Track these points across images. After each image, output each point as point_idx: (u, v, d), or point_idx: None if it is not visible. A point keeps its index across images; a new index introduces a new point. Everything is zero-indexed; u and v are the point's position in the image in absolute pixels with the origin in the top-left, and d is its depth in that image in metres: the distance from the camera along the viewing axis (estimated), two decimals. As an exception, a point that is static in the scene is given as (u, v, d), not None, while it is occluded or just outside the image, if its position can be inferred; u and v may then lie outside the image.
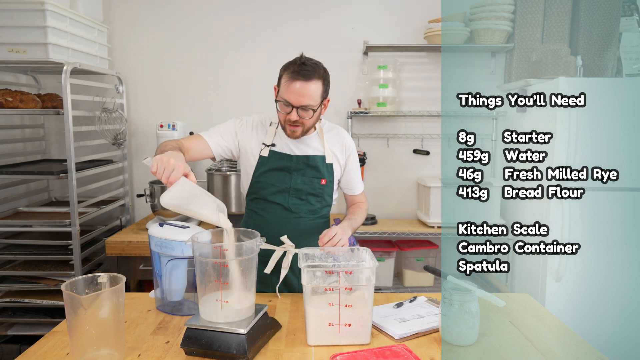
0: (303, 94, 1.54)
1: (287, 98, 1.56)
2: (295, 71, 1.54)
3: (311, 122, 1.62)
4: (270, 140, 1.69)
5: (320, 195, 1.71)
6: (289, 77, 1.55)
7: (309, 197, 1.70)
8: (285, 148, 1.69)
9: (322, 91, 1.58)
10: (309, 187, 1.69)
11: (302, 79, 1.53)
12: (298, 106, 1.56)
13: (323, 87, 1.58)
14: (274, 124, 1.71)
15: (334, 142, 1.73)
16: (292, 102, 1.56)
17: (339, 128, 1.79)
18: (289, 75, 1.55)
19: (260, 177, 1.70)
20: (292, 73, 1.54)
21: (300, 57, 1.58)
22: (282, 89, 1.58)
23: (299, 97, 1.55)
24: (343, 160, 1.75)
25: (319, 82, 1.56)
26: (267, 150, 1.69)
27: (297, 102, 1.55)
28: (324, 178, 1.70)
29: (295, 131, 1.62)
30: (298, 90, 1.54)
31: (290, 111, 1.57)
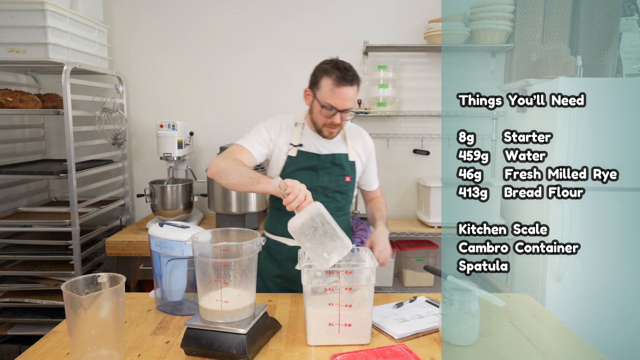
0: (349, 98, 1.59)
1: (333, 103, 1.59)
2: (341, 77, 1.57)
3: (346, 123, 1.69)
4: (297, 141, 1.72)
5: (345, 192, 1.76)
6: (335, 83, 1.57)
7: (335, 194, 1.74)
8: (312, 147, 1.72)
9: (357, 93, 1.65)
10: (335, 184, 1.73)
11: (349, 84, 1.57)
12: (342, 110, 1.60)
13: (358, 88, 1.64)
14: (299, 124, 1.75)
15: (356, 141, 1.79)
16: (338, 106, 1.59)
17: (359, 127, 1.85)
18: (335, 80, 1.57)
19: (288, 176, 1.69)
20: (338, 79, 1.57)
21: (339, 61, 1.61)
22: (326, 93, 1.59)
23: (345, 102, 1.59)
24: (365, 158, 1.81)
25: (358, 85, 1.62)
26: (295, 150, 1.71)
27: (343, 106, 1.59)
28: (349, 175, 1.75)
29: (333, 132, 1.68)
30: (345, 95, 1.58)
31: (334, 114, 1.61)
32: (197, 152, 3.08)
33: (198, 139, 3.05)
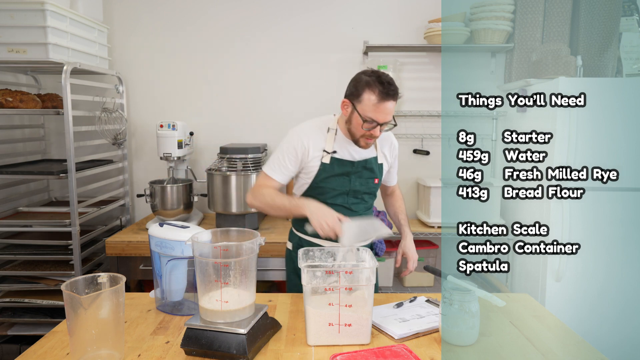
0: (391, 112, 1.60)
1: (375, 117, 1.59)
2: (384, 92, 1.57)
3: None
4: (331, 148, 1.71)
5: (372, 193, 1.82)
6: (380, 97, 1.57)
7: (364, 195, 1.79)
8: (345, 154, 1.72)
9: None
10: (365, 187, 1.77)
11: (392, 98, 1.58)
12: (383, 123, 1.61)
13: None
14: (332, 130, 1.73)
15: (384, 144, 1.82)
16: (380, 120, 1.60)
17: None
18: (379, 95, 1.57)
19: (321, 182, 1.73)
20: (382, 94, 1.57)
21: (381, 74, 1.60)
22: (368, 107, 1.59)
23: (386, 116, 1.60)
24: (391, 159, 1.86)
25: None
26: (329, 157, 1.71)
27: (384, 119, 1.60)
28: (377, 177, 1.79)
29: (370, 143, 1.68)
30: (388, 109, 1.59)
31: (375, 127, 1.61)
32: (197, 152, 3.08)
33: (198, 139, 3.05)
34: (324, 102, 3.03)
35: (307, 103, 3.04)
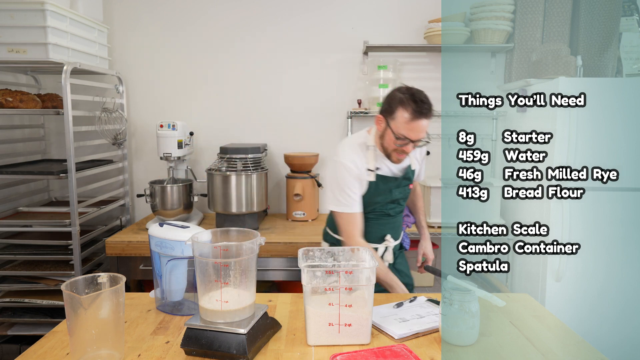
0: (424, 130, 1.63)
1: (408, 135, 1.62)
2: (417, 110, 1.58)
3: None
4: (373, 165, 1.75)
5: (407, 197, 1.90)
6: (412, 116, 1.59)
7: (401, 200, 1.88)
8: (387, 170, 1.79)
9: None
10: (403, 194, 1.86)
11: (425, 117, 1.60)
12: (416, 140, 1.63)
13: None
14: (371, 147, 1.76)
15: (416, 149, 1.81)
16: (414, 138, 1.62)
17: None
18: (412, 113, 1.59)
19: (370, 199, 1.79)
20: (415, 112, 1.58)
21: (415, 92, 1.62)
22: (401, 125, 1.61)
23: (419, 134, 1.62)
24: (421, 160, 1.93)
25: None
26: (373, 175, 1.76)
27: (417, 137, 1.63)
28: (411, 183, 1.88)
29: (401, 159, 1.72)
30: (421, 127, 1.61)
31: (407, 144, 1.64)
32: (197, 152, 3.08)
33: (198, 139, 3.05)
34: (324, 102, 3.03)
35: (307, 103, 3.05)
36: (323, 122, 3.04)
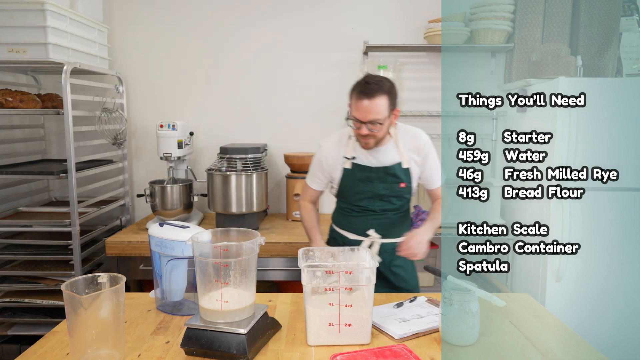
0: (369, 110, 1.69)
1: (357, 116, 1.73)
2: (361, 91, 1.70)
3: (382, 134, 1.76)
4: (350, 154, 1.86)
5: (400, 196, 1.87)
6: (356, 97, 1.72)
7: (391, 198, 1.87)
8: (365, 160, 1.85)
9: (387, 104, 1.71)
10: (390, 191, 1.85)
11: (367, 97, 1.68)
12: (367, 121, 1.70)
13: (388, 100, 1.72)
14: (352, 137, 1.86)
15: (410, 147, 1.85)
16: (361, 118, 1.71)
17: (415, 130, 1.91)
18: (356, 95, 1.72)
19: (346, 187, 1.89)
20: (358, 93, 1.71)
21: (365, 77, 1.75)
22: (352, 108, 1.75)
23: (366, 114, 1.70)
24: (420, 161, 1.87)
25: (384, 97, 1.70)
26: (350, 163, 1.86)
27: (365, 118, 1.70)
28: (403, 182, 1.85)
29: (368, 143, 1.78)
30: (364, 107, 1.69)
31: (361, 127, 1.72)
32: (197, 152, 3.08)
33: (198, 139, 3.05)
34: (324, 102, 3.03)
35: (307, 103, 3.05)
36: (323, 122, 3.04)
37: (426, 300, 1.61)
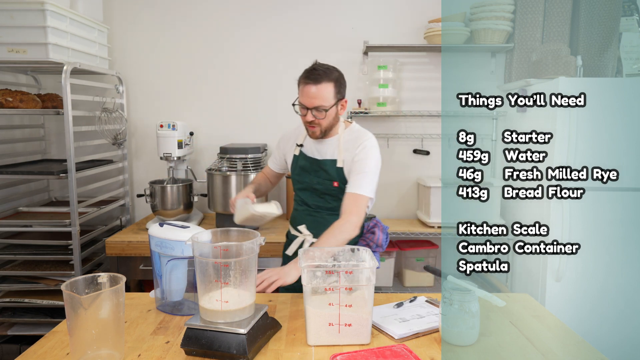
0: (314, 96, 1.68)
1: (302, 101, 1.73)
2: (307, 76, 1.70)
3: (327, 122, 1.74)
4: (301, 141, 1.89)
5: (335, 196, 1.81)
6: (303, 82, 1.72)
7: (326, 196, 1.84)
8: (308, 150, 1.86)
9: (334, 92, 1.71)
10: (323, 187, 1.82)
11: (312, 82, 1.68)
12: (312, 107, 1.70)
13: (335, 88, 1.71)
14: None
15: (350, 147, 1.78)
16: (306, 104, 1.71)
17: (365, 133, 1.81)
18: (302, 80, 1.72)
19: (294, 173, 1.90)
20: (304, 78, 1.71)
21: (314, 64, 1.74)
22: (299, 93, 1.75)
23: (311, 100, 1.69)
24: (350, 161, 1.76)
25: (330, 84, 1.69)
26: (298, 150, 1.89)
27: (310, 104, 1.70)
28: (336, 181, 1.80)
29: (314, 132, 1.77)
30: (309, 93, 1.69)
31: (306, 113, 1.72)
32: (197, 152, 3.08)
33: (198, 139, 3.05)
34: (324, 102, 3.03)
35: (307, 103, 3.04)
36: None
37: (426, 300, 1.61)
